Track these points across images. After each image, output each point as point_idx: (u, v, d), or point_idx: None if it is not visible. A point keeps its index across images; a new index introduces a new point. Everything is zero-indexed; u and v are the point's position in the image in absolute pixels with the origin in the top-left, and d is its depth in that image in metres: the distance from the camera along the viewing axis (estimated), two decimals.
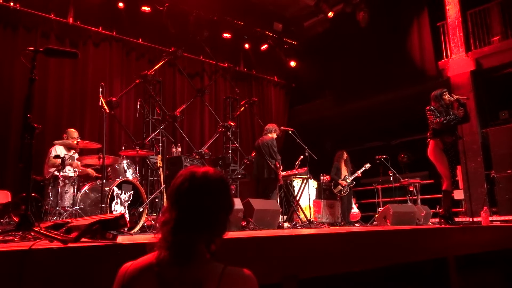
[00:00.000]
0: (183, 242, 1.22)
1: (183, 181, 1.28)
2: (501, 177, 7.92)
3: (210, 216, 1.27)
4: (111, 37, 8.39)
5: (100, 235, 2.08)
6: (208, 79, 9.94)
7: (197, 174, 1.30)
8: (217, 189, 1.31)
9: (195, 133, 9.27)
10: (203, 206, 1.26)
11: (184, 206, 1.26)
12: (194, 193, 1.27)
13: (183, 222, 1.24)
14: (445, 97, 5.17)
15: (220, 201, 1.31)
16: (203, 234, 1.25)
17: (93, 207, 4.79)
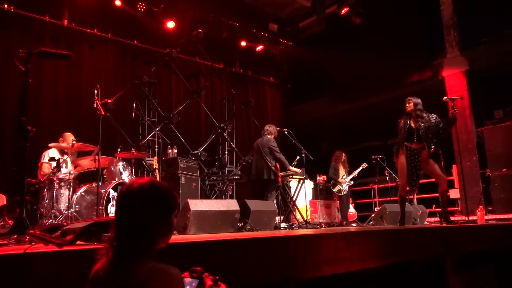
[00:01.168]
0: (118, 254, 1.35)
1: (121, 193, 1.43)
2: (496, 175, 7.95)
3: (142, 226, 1.37)
4: (106, 39, 8.36)
5: (96, 238, 2.07)
6: (204, 80, 9.93)
7: (123, 188, 1.45)
8: (143, 198, 1.39)
9: (191, 134, 9.24)
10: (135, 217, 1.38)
11: (120, 219, 1.41)
12: (120, 210, 1.42)
13: (117, 233, 1.38)
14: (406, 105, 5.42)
15: (150, 209, 1.39)
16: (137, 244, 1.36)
17: (89, 210, 4.77)
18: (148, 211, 1.38)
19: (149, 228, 1.37)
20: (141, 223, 1.36)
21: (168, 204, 1.43)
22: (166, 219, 1.41)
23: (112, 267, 1.34)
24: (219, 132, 9.13)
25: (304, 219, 6.54)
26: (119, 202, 1.42)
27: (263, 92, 11.48)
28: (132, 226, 1.37)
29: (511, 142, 8.00)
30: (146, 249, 1.37)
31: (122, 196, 1.42)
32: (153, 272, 1.31)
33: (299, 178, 7.05)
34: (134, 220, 1.37)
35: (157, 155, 6.98)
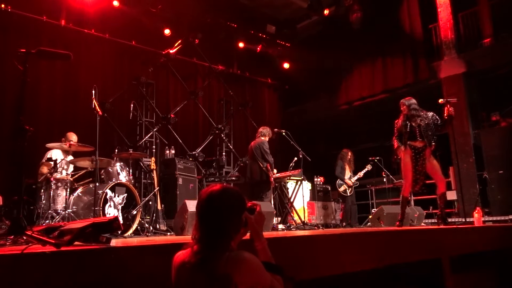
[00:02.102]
0: (204, 247, 1.63)
1: (202, 198, 1.71)
2: (493, 177, 7.98)
3: (222, 226, 1.66)
4: (104, 39, 8.33)
5: (93, 239, 2.06)
6: (201, 81, 9.92)
7: (202, 196, 1.71)
8: (221, 202, 1.68)
9: (188, 135, 9.23)
10: (212, 218, 1.66)
11: (204, 221, 1.68)
12: (209, 209, 1.68)
13: (203, 232, 1.66)
14: (402, 108, 5.42)
15: (228, 212, 1.68)
16: (218, 241, 1.64)
17: (86, 210, 4.75)
18: (224, 213, 1.67)
19: (226, 227, 1.66)
20: (220, 223, 1.65)
21: (239, 206, 1.73)
22: (238, 218, 1.71)
23: (199, 259, 1.60)
24: (216, 133, 9.13)
25: (302, 220, 6.54)
26: (201, 207, 1.69)
27: (260, 93, 11.48)
28: (213, 226, 1.65)
29: (507, 144, 8.03)
30: (225, 243, 1.64)
31: (203, 202, 1.69)
32: (230, 260, 1.57)
33: (296, 179, 7.05)
34: (214, 221, 1.65)
35: (154, 155, 6.97)
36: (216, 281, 1.55)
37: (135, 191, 5.07)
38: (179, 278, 1.67)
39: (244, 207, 1.75)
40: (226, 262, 1.56)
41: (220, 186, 1.72)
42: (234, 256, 1.58)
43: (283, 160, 7.71)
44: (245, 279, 1.55)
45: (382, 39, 10.21)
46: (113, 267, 1.89)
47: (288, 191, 7.40)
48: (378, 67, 10.27)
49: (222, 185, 1.74)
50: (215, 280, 1.55)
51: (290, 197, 7.12)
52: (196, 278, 1.60)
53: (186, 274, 1.64)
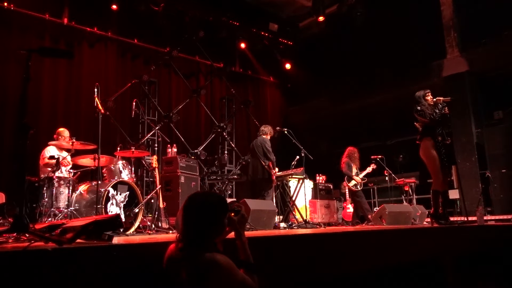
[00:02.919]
0: (185, 245, 1.84)
1: (187, 201, 1.92)
2: (496, 176, 7.96)
3: (201, 227, 1.86)
4: (106, 38, 8.35)
5: (96, 236, 2.07)
6: (203, 79, 9.92)
7: (187, 199, 1.93)
8: (202, 206, 1.89)
9: (190, 133, 9.24)
10: (193, 219, 1.87)
11: (186, 221, 1.88)
12: (186, 213, 1.90)
13: (185, 230, 1.87)
14: (428, 98, 5.24)
15: (204, 213, 1.87)
16: (197, 240, 1.84)
17: (88, 208, 4.76)
18: (203, 216, 1.86)
19: (205, 228, 1.86)
20: (200, 226, 1.85)
21: (220, 210, 1.91)
22: (219, 222, 1.90)
23: (182, 255, 1.82)
24: (218, 131, 9.13)
25: (304, 218, 6.54)
26: (184, 209, 1.90)
27: (263, 92, 11.48)
28: (194, 228, 1.85)
29: (510, 143, 8.01)
30: (204, 243, 1.83)
31: (186, 206, 1.90)
32: (205, 261, 1.77)
33: (298, 177, 7.04)
34: (195, 223, 1.85)
35: (156, 154, 6.97)
36: (194, 278, 1.77)
37: (137, 189, 5.08)
38: (168, 269, 1.89)
39: (226, 211, 1.94)
40: (203, 262, 1.76)
41: (202, 191, 1.98)
42: (209, 258, 1.77)
43: (285, 158, 7.70)
44: (217, 278, 1.76)
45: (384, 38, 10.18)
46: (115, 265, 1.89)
47: (290, 189, 7.39)
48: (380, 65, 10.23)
49: (206, 191, 2.02)
50: (193, 277, 1.77)
51: (292, 195, 7.11)
52: (179, 271, 1.81)
53: (172, 266, 1.86)
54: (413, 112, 5.28)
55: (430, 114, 5.10)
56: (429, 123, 5.13)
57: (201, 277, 1.76)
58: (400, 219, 6.18)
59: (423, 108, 5.18)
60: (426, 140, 5.19)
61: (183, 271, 1.80)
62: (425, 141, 5.20)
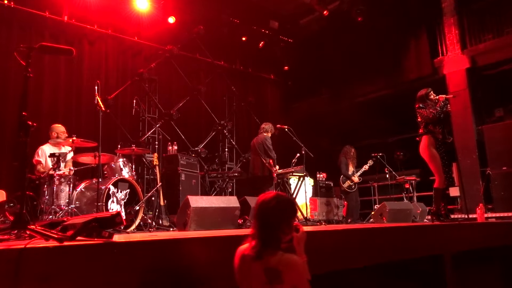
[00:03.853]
0: (260, 243, 1.96)
1: (260, 202, 2.03)
2: (496, 174, 7.94)
3: (276, 227, 1.97)
4: (107, 35, 8.34)
5: (96, 234, 2.07)
6: (204, 77, 9.91)
7: (259, 199, 2.05)
8: (276, 207, 1.99)
9: (191, 131, 9.23)
10: (268, 220, 1.98)
11: (261, 221, 1.99)
12: (265, 212, 2.00)
13: (259, 230, 1.98)
14: (431, 97, 5.24)
15: (278, 214, 1.98)
16: (273, 239, 1.96)
17: (89, 206, 4.77)
18: (276, 216, 1.97)
19: (277, 228, 1.97)
20: (272, 224, 1.96)
21: (290, 212, 2.05)
22: (288, 222, 2.01)
23: (255, 254, 1.94)
24: (219, 129, 9.12)
25: (304, 216, 6.55)
26: (258, 209, 2.01)
27: (263, 89, 11.47)
28: (269, 228, 1.96)
29: (511, 141, 8.00)
30: (277, 243, 1.96)
31: (260, 205, 2.01)
32: (283, 260, 1.91)
33: (299, 175, 7.05)
34: (270, 224, 1.96)
35: (157, 151, 6.98)
36: (269, 274, 1.91)
37: (137, 186, 5.09)
38: (240, 268, 2.02)
39: (295, 214, 2.11)
40: (279, 260, 1.91)
41: (275, 193, 2.07)
42: (287, 258, 1.92)
43: (285, 156, 7.70)
44: (292, 278, 1.91)
45: (385, 35, 10.17)
46: (115, 262, 1.90)
47: (290, 187, 7.41)
48: (381, 63, 10.23)
49: (277, 192, 2.09)
50: (268, 272, 1.91)
51: (292, 193, 7.13)
52: (253, 268, 1.95)
53: (245, 264, 1.99)
54: (416, 109, 5.30)
55: (432, 111, 5.11)
56: (430, 120, 5.14)
57: (277, 276, 1.89)
58: (401, 216, 6.19)
59: (425, 105, 5.20)
60: (426, 137, 5.19)
61: (258, 269, 1.93)
62: (425, 138, 5.21)
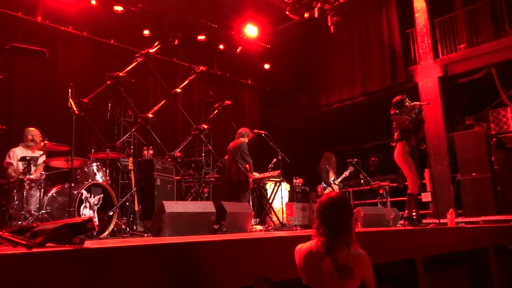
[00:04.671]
0: (328, 240, 2.09)
1: (326, 202, 2.18)
2: (466, 180, 8.21)
3: (344, 224, 2.13)
4: (82, 37, 8.20)
5: (67, 240, 2.03)
6: (181, 81, 9.84)
7: (326, 200, 2.19)
8: (342, 206, 2.17)
9: (167, 135, 9.15)
10: (335, 218, 2.13)
11: (329, 219, 2.14)
12: (333, 210, 2.15)
13: (326, 228, 2.12)
14: (406, 103, 5.36)
15: (344, 213, 2.16)
16: (341, 235, 2.10)
17: (60, 211, 4.65)
18: (345, 213, 2.15)
19: (346, 225, 2.13)
20: (342, 222, 2.12)
21: (352, 210, 2.25)
22: (351, 219, 2.18)
23: (325, 251, 2.07)
24: (196, 133, 9.06)
25: (280, 221, 6.56)
26: (326, 208, 2.16)
27: (241, 94, 11.49)
28: (336, 224, 2.12)
29: (480, 148, 8.28)
30: (346, 238, 2.10)
31: (328, 205, 2.16)
32: (352, 255, 2.07)
33: (275, 180, 7.07)
34: (338, 220, 2.12)
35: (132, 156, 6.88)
36: (340, 269, 2.03)
37: (111, 191, 5.00)
38: (307, 265, 2.15)
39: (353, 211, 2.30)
40: (348, 255, 2.05)
41: (338, 193, 2.29)
42: (356, 253, 2.09)
43: (262, 161, 7.72)
44: (361, 271, 2.08)
45: (360, 43, 10.38)
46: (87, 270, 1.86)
47: (266, 192, 7.42)
48: (356, 71, 10.43)
49: (339, 192, 2.22)
50: (339, 268, 2.03)
51: (268, 198, 7.14)
52: (323, 264, 2.07)
53: (314, 260, 2.11)
54: (391, 115, 5.40)
55: (408, 118, 5.21)
56: (405, 127, 5.25)
57: (349, 271, 2.04)
58: (375, 221, 6.27)
59: (401, 112, 5.30)
60: (401, 144, 5.29)
61: (327, 264, 2.06)
62: (400, 145, 5.30)
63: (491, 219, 7.45)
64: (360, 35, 10.35)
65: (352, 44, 10.46)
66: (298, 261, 2.22)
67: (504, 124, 8.18)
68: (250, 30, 10.07)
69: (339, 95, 10.72)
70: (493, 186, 8.03)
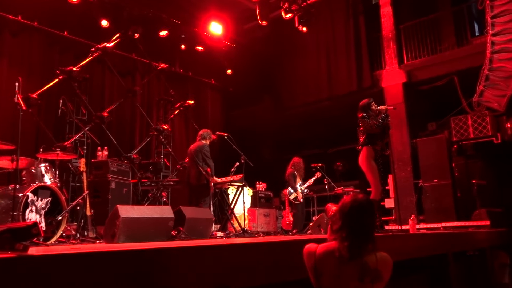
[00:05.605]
0: (354, 244, 2.09)
1: (354, 204, 2.17)
2: (428, 186, 8.52)
3: (371, 228, 2.20)
4: (32, 28, 7.89)
5: (9, 246, 1.93)
6: (140, 78, 9.68)
7: (352, 202, 2.19)
8: (370, 209, 2.21)
9: (124, 136, 8.97)
10: (363, 222, 2.16)
11: (356, 223, 2.14)
12: (361, 214, 2.17)
13: (352, 232, 2.11)
14: (373, 107, 5.51)
15: (372, 217, 2.22)
16: (364, 238, 2.12)
17: (3, 215, 4.43)
18: (372, 217, 2.22)
19: (372, 228, 2.20)
20: (369, 225, 2.18)
21: (376, 212, 2.33)
22: (375, 223, 2.27)
23: (350, 255, 2.07)
24: (155, 134, 8.91)
25: (242, 227, 6.56)
26: (352, 211, 2.15)
27: (203, 95, 11.42)
28: (364, 227, 2.14)
29: (442, 154, 8.62)
30: (373, 243, 2.14)
31: (355, 207, 2.16)
32: (381, 259, 2.11)
33: (237, 185, 7.07)
34: (365, 223, 2.16)
35: (85, 157, 6.68)
36: (369, 274, 2.06)
37: (61, 195, 4.82)
38: (325, 267, 2.16)
39: None
40: (377, 259, 2.10)
41: (364, 195, 2.26)
42: (384, 257, 2.13)
43: (224, 165, 7.71)
44: (388, 275, 2.13)
45: (327, 45, 10.59)
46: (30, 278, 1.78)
47: (228, 197, 7.40)
48: (323, 74, 10.63)
49: (365, 194, 2.30)
50: (368, 273, 2.06)
51: (230, 203, 7.13)
52: (347, 268, 2.08)
53: (335, 264, 2.11)
54: (358, 119, 5.51)
55: (374, 123, 5.34)
56: (372, 131, 5.38)
57: (379, 275, 2.08)
58: None
59: (368, 116, 5.42)
60: (366, 148, 5.40)
61: (353, 268, 2.08)
62: (365, 149, 5.41)
63: (451, 225, 7.77)
64: (327, 37, 10.56)
65: (319, 46, 10.66)
66: (311, 263, 2.20)
67: (465, 131, 8.54)
68: (215, 27, 10.03)
69: (305, 98, 10.87)
70: (454, 193, 8.38)
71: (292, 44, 10.80)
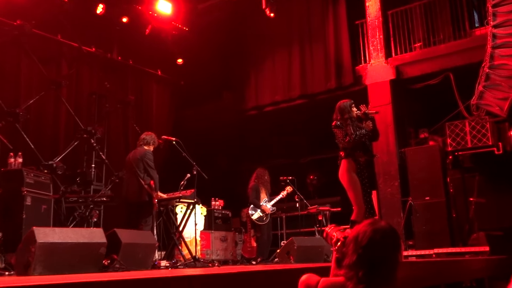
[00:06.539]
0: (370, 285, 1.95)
1: (376, 235, 2.00)
2: (418, 204, 8.69)
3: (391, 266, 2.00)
4: None
5: None
6: (67, 66, 9.50)
7: (374, 231, 2.01)
8: (396, 242, 2.04)
9: (44, 139, 8.76)
10: (387, 260, 1.99)
11: (373, 259, 1.97)
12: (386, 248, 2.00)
13: (372, 273, 1.95)
14: (353, 113, 5.55)
15: (398, 251, 2.04)
16: (384, 281, 1.98)
17: None
18: (399, 254, 2.04)
19: (396, 269, 2.01)
20: (394, 265, 2.00)
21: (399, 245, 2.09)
22: (397, 257, 2.04)
23: None
24: (84, 137, 8.78)
25: (193, 255, 6.55)
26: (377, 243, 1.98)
27: (147, 88, 11.33)
28: (387, 268, 1.98)
29: (435, 166, 8.82)
30: (393, 282, 1.99)
31: (378, 239, 1.98)
32: None
33: (188, 202, 7.05)
34: (390, 263, 1.99)
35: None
36: None
37: None
38: None
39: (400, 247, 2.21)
40: None
41: (386, 223, 2.11)
42: None
43: (172, 177, 7.67)
44: None
45: (301, 34, 10.74)
46: None
47: (176, 217, 7.37)
48: (295, 67, 10.77)
49: (387, 222, 2.14)
50: None
51: (178, 225, 7.10)
52: None
53: None
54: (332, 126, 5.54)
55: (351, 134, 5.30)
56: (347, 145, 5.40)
57: None
58: (311, 255, 6.49)
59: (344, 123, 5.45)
60: (345, 161, 5.46)
61: None
62: (344, 162, 5.47)
63: (444, 251, 8.00)
64: (301, 25, 10.73)
65: (291, 36, 10.81)
66: None
67: (462, 140, 8.71)
68: (163, 6, 10.00)
69: (272, 96, 10.97)
70: (448, 213, 8.60)
71: (258, 30, 10.90)
